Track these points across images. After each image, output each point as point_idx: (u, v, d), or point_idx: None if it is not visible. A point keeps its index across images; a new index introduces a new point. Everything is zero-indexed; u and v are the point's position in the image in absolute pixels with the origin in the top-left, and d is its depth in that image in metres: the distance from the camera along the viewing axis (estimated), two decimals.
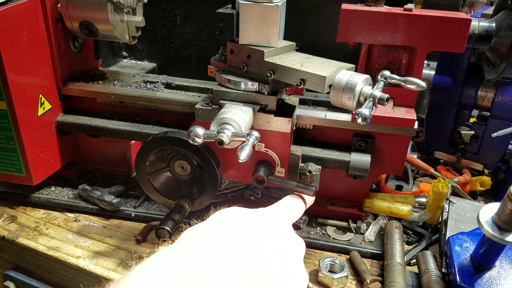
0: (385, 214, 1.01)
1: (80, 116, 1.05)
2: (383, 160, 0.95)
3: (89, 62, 1.14)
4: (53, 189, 1.10)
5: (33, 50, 0.93)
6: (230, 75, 0.86)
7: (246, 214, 0.56)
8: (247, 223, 0.54)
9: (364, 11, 0.86)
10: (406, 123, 0.88)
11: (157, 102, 1.01)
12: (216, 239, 0.48)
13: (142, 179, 0.94)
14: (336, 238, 0.97)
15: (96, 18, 0.95)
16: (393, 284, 0.78)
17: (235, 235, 0.50)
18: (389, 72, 0.75)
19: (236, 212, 0.56)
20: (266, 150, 0.89)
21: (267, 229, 0.55)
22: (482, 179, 1.13)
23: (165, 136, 0.88)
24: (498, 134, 1.04)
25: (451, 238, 0.82)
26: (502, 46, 0.97)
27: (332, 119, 0.93)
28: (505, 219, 0.65)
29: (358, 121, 0.66)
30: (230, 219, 0.54)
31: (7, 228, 0.97)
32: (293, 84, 0.79)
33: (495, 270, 0.75)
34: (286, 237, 0.57)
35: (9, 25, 0.85)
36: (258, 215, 0.58)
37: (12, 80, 0.88)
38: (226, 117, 0.74)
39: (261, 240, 0.51)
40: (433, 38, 0.85)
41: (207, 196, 0.92)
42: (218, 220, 0.53)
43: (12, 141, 0.94)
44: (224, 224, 0.52)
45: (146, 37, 1.35)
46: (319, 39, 1.21)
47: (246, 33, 0.82)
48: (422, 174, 1.27)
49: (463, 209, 0.94)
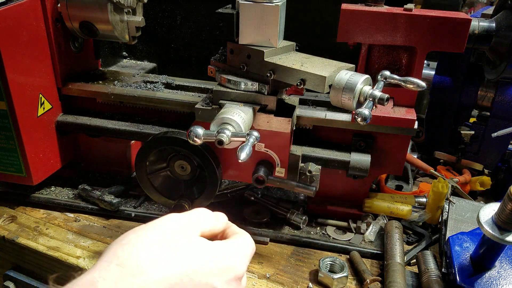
0: (385, 214, 1.01)
1: (80, 116, 1.05)
2: (383, 160, 0.95)
3: (89, 62, 1.14)
4: (53, 189, 1.10)
5: (33, 50, 0.93)
6: (230, 75, 0.86)
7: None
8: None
9: (364, 11, 0.86)
10: (406, 123, 0.88)
11: (157, 102, 1.01)
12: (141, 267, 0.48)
13: (142, 179, 0.94)
14: (336, 238, 0.97)
15: (96, 18, 0.95)
16: (393, 284, 0.78)
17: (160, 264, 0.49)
18: (389, 72, 0.75)
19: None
20: (266, 150, 0.89)
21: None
22: (482, 179, 1.13)
23: (165, 136, 0.88)
24: (498, 134, 1.04)
25: (451, 238, 0.82)
26: (502, 46, 0.97)
27: (332, 119, 0.93)
28: (505, 219, 0.65)
29: (358, 121, 0.66)
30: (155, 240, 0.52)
31: (7, 228, 0.97)
32: (293, 84, 0.79)
33: (495, 270, 0.75)
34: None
35: (9, 25, 0.85)
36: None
37: (12, 80, 0.88)
38: (226, 117, 0.74)
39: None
40: (433, 38, 0.85)
41: (207, 196, 0.92)
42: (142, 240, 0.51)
43: (12, 141, 0.94)
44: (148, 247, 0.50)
45: (146, 37, 1.35)
46: (319, 39, 1.21)
47: (246, 33, 0.82)
48: (422, 174, 1.27)
49: (463, 209, 0.94)
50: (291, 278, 0.86)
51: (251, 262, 0.90)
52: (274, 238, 0.97)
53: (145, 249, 0.49)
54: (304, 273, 0.88)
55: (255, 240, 0.96)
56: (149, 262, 0.48)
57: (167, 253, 0.50)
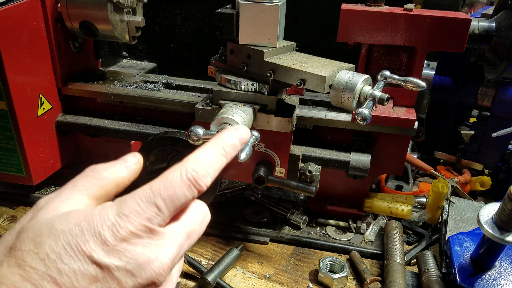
0: (385, 214, 1.01)
1: (80, 116, 1.05)
2: (383, 160, 0.95)
3: (89, 62, 1.14)
4: (53, 189, 1.10)
5: (33, 50, 0.93)
6: (230, 75, 0.86)
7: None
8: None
9: (364, 11, 0.86)
10: (406, 123, 0.88)
11: (157, 102, 1.01)
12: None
13: (142, 179, 0.94)
14: (336, 238, 0.97)
15: (96, 18, 0.95)
16: (393, 284, 0.78)
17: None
18: (389, 72, 0.75)
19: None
20: (266, 150, 0.89)
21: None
22: (482, 179, 1.13)
23: (165, 136, 0.88)
24: (498, 134, 1.04)
25: (451, 238, 0.82)
26: (502, 46, 0.97)
27: (332, 119, 0.93)
28: (505, 219, 0.65)
29: (358, 121, 0.66)
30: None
31: (7, 228, 0.97)
32: (293, 84, 0.79)
33: (495, 270, 0.74)
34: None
35: (9, 25, 0.85)
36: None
37: (12, 80, 0.88)
38: (226, 117, 0.74)
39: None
40: (433, 38, 0.85)
41: (207, 196, 0.92)
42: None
43: (12, 141, 0.94)
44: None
45: (146, 37, 1.35)
46: (319, 39, 1.21)
47: (246, 33, 0.82)
48: (422, 174, 1.27)
49: (463, 209, 0.94)
50: (291, 278, 0.86)
51: (251, 262, 0.91)
52: (274, 238, 0.97)
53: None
54: (304, 273, 0.88)
55: (255, 240, 0.97)
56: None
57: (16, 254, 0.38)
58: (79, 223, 0.39)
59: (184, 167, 0.44)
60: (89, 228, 0.39)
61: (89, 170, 0.47)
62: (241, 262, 0.90)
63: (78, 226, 0.39)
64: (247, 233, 0.98)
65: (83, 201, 0.44)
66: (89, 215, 0.40)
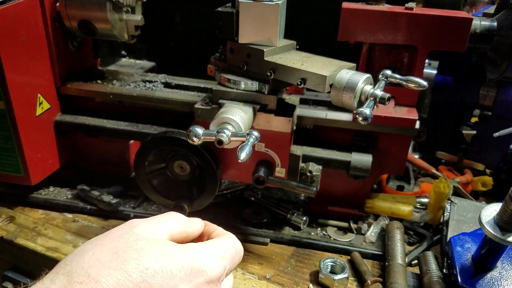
0: (386, 214, 1.00)
1: (78, 116, 1.04)
2: (384, 160, 0.94)
3: (87, 61, 1.13)
4: (51, 189, 1.09)
5: (32, 49, 0.92)
6: (230, 74, 0.85)
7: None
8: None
9: (365, 10, 0.85)
10: (408, 122, 0.88)
11: (156, 101, 1.00)
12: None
13: (141, 179, 0.93)
14: (337, 239, 0.96)
15: (95, 17, 0.94)
16: (394, 285, 0.78)
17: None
18: (390, 71, 0.75)
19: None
20: (266, 150, 0.88)
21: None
22: (484, 179, 1.12)
23: (164, 136, 0.88)
24: (500, 134, 1.04)
25: (453, 239, 0.81)
26: (504, 45, 0.96)
27: (333, 118, 0.92)
28: (506, 220, 0.65)
29: (359, 121, 0.66)
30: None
31: (5, 228, 0.96)
32: (293, 83, 0.78)
33: (497, 271, 0.74)
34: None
35: (8, 24, 0.85)
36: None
37: (11, 80, 0.87)
38: (225, 117, 0.74)
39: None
40: (435, 37, 0.85)
41: (207, 196, 0.92)
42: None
43: (10, 141, 0.94)
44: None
45: (145, 36, 1.34)
46: (320, 38, 1.20)
47: (246, 32, 0.81)
48: (424, 174, 1.26)
49: (465, 209, 0.93)
50: (291, 279, 0.86)
51: (251, 263, 0.90)
52: (274, 239, 0.97)
53: (95, 256, 0.47)
54: (305, 274, 0.87)
55: (255, 241, 0.97)
56: (95, 269, 0.46)
57: (119, 259, 0.47)
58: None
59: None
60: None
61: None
62: (241, 263, 0.89)
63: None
64: (247, 233, 0.97)
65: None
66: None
